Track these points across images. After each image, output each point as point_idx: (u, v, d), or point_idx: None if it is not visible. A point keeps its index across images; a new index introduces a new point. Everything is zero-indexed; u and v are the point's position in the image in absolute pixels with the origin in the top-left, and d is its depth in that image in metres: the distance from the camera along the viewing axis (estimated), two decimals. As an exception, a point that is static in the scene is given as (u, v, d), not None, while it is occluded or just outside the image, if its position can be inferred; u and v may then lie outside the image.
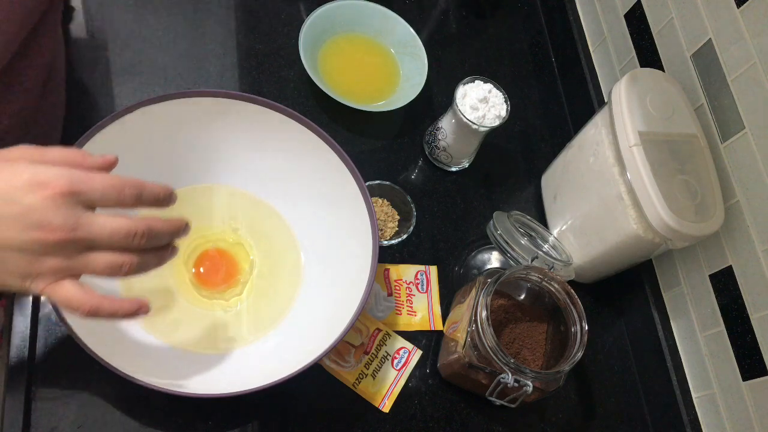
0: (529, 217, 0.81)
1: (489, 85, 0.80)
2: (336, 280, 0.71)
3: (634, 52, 0.88)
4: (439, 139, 0.84)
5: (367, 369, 0.72)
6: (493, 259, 0.85)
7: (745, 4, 0.70)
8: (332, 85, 0.84)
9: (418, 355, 0.75)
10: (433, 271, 0.80)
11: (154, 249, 0.47)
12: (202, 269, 0.70)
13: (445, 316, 0.78)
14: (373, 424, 0.70)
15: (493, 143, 0.91)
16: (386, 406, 0.71)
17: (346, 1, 0.88)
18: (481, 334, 0.65)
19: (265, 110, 0.69)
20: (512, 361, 0.64)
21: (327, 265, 0.72)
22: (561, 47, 1.03)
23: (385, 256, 0.79)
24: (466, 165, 0.88)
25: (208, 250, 0.71)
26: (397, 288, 0.78)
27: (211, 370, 0.64)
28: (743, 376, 0.70)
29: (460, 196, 0.87)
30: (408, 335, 0.76)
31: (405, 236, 0.80)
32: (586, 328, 0.67)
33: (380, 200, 0.82)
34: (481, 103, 0.79)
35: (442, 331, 0.77)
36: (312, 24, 0.85)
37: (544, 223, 0.88)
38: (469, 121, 0.78)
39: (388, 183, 0.82)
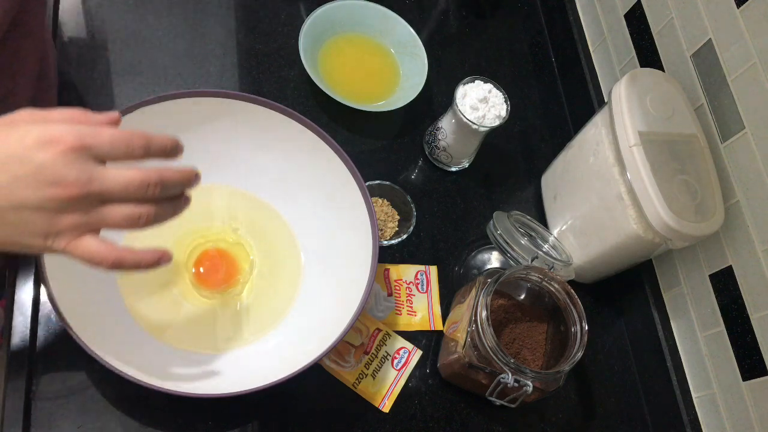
0: (529, 217, 0.81)
1: (489, 85, 0.80)
2: (336, 280, 0.71)
3: (634, 52, 0.88)
4: (439, 139, 0.84)
5: (367, 369, 0.72)
6: (493, 259, 0.85)
7: (745, 4, 0.70)
8: (332, 85, 0.84)
9: (418, 355, 0.75)
10: (433, 271, 0.80)
11: (169, 199, 0.47)
12: (202, 269, 0.70)
13: (445, 316, 0.78)
14: (373, 424, 0.70)
15: (493, 143, 0.91)
16: (386, 406, 0.71)
17: (346, 1, 0.88)
18: (481, 334, 0.65)
19: (265, 110, 0.69)
20: (512, 361, 0.64)
21: (327, 265, 0.72)
22: (561, 47, 1.03)
23: (385, 256, 0.79)
24: (466, 165, 0.88)
25: (208, 250, 0.71)
26: (397, 288, 0.78)
27: (211, 370, 0.64)
28: (743, 376, 0.70)
29: (460, 196, 0.87)
30: (408, 335, 0.76)
31: (405, 236, 0.80)
32: (586, 328, 0.67)
33: (380, 200, 0.82)
34: (481, 103, 0.79)
35: (442, 331, 0.77)
36: (312, 24, 0.85)
37: (544, 223, 0.88)
38: (469, 121, 0.78)
39: (388, 183, 0.82)
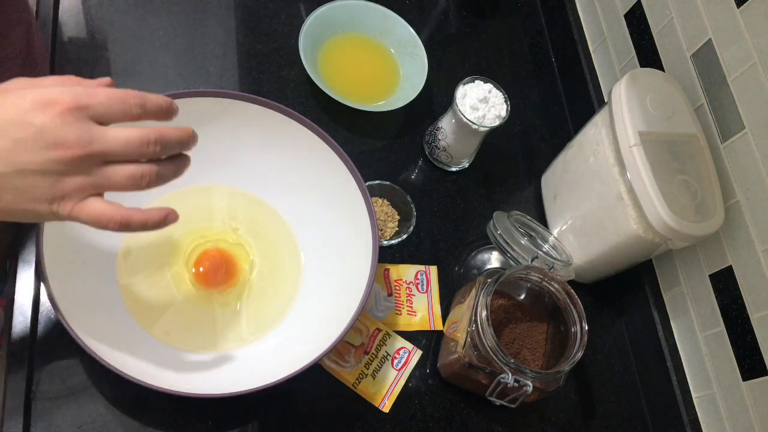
0: (529, 217, 0.81)
1: (489, 85, 0.80)
2: (336, 280, 0.71)
3: (634, 52, 0.88)
4: (439, 139, 0.84)
5: (367, 369, 0.72)
6: (493, 259, 0.85)
7: (745, 4, 0.70)
8: (332, 85, 0.84)
9: (418, 355, 0.75)
10: (433, 271, 0.80)
11: (169, 159, 0.47)
12: (202, 269, 0.70)
13: (445, 316, 0.78)
14: (373, 424, 0.70)
15: (493, 143, 0.91)
16: (386, 406, 0.71)
17: (346, 1, 0.88)
18: (481, 334, 0.65)
19: (265, 110, 0.69)
20: (512, 361, 0.64)
21: (327, 265, 0.72)
22: (561, 47, 1.03)
23: (385, 256, 0.79)
24: (466, 165, 0.88)
25: (208, 250, 0.71)
26: (397, 288, 0.78)
27: (211, 370, 0.64)
28: (743, 376, 0.70)
29: (460, 196, 0.87)
30: (408, 335, 0.76)
31: (405, 236, 0.80)
32: (586, 328, 0.67)
33: (380, 200, 0.82)
34: (481, 103, 0.79)
35: (442, 331, 0.77)
36: (312, 24, 0.85)
37: (544, 223, 0.88)
38: (469, 121, 0.78)
39: (388, 183, 0.82)
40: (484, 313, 0.65)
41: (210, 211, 0.73)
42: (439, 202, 0.86)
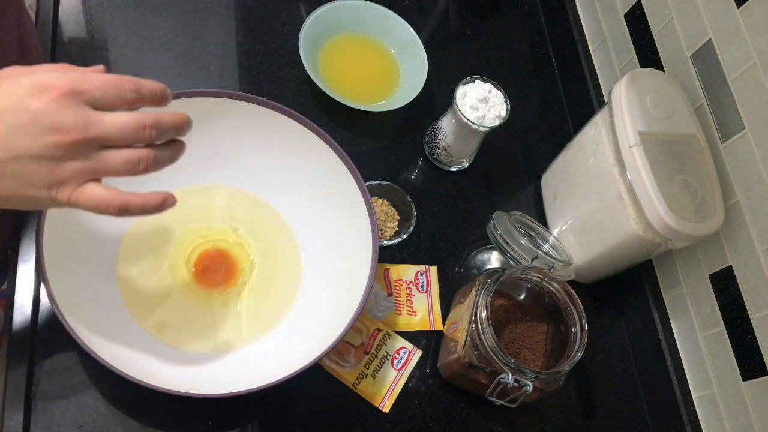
0: (529, 217, 0.81)
1: (489, 85, 0.80)
2: (336, 280, 0.71)
3: (634, 52, 0.88)
4: (439, 139, 0.84)
5: (367, 369, 0.72)
6: (493, 259, 0.85)
7: (745, 4, 0.70)
8: (332, 85, 0.84)
9: (418, 355, 0.75)
10: (433, 271, 0.80)
11: (165, 144, 0.47)
12: (202, 269, 0.70)
13: (445, 316, 0.78)
14: (373, 424, 0.70)
15: (493, 143, 0.91)
16: (386, 406, 0.71)
17: (346, 1, 0.88)
18: (481, 334, 0.65)
19: (265, 110, 0.69)
20: (512, 361, 0.64)
21: (327, 265, 0.72)
22: (561, 47, 1.03)
23: (385, 256, 0.79)
24: (466, 165, 0.88)
25: (208, 250, 0.71)
26: (397, 288, 0.78)
27: (211, 370, 0.64)
28: (743, 376, 0.70)
29: (460, 196, 0.87)
30: (408, 335, 0.76)
31: (405, 236, 0.80)
32: (586, 328, 0.67)
33: (380, 200, 0.82)
34: (481, 103, 0.79)
35: (442, 331, 0.77)
36: (312, 24, 0.85)
37: (544, 223, 0.88)
38: (469, 121, 0.78)
39: (388, 183, 0.82)
40: (484, 313, 0.65)
41: (210, 211, 0.73)
42: (439, 202, 0.86)
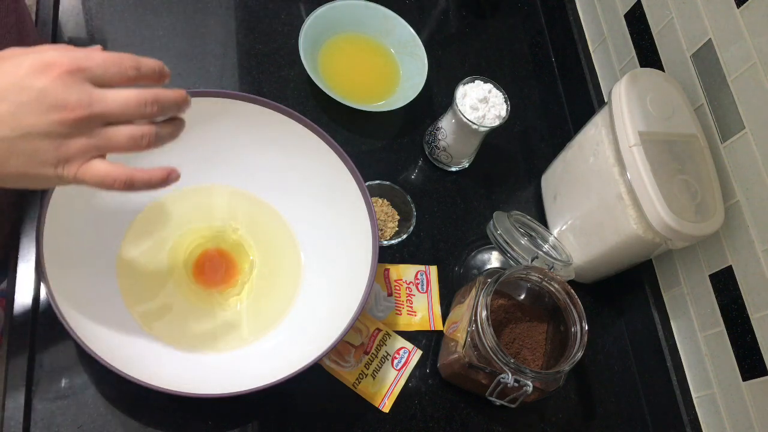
0: (529, 217, 0.81)
1: (489, 85, 0.80)
2: (336, 280, 0.71)
3: (634, 52, 0.88)
4: (439, 139, 0.84)
5: (367, 369, 0.72)
6: (493, 259, 0.85)
7: (745, 4, 0.70)
8: (332, 85, 0.84)
9: (418, 355, 0.75)
10: (433, 271, 0.80)
11: (166, 121, 0.48)
12: (202, 269, 0.70)
13: (445, 316, 0.78)
14: (373, 424, 0.70)
15: (493, 143, 0.91)
16: (386, 406, 0.71)
17: (346, 1, 0.88)
18: (481, 334, 0.65)
19: (265, 110, 0.69)
20: (512, 361, 0.64)
21: (327, 265, 0.72)
22: (561, 47, 1.03)
23: (385, 256, 0.79)
24: (466, 165, 0.88)
25: (208, 250, 0.71)
26: (397, 288, 0.78)
27: (211, 370, 0.64)
28: (743, 376, 0.70)
29: (460, 196, 0.87)
30: (408, 335, 0.76)
31: (405, 236, 0.80)
32: (586, 328, 0.67)
33: (380, 200, 0.82)
34: (481, 103, 0.79)
35: (442, 331, 0.77)
36: (312, 24, 0.85)
37: (544, 223, 0.88)
38: (469, 121, 0.78)
39: (388, 183, 0.82)
40: (484, 313, 0.65)
41: (210, 211, 0.73)
42: (439, 202, 0.86)
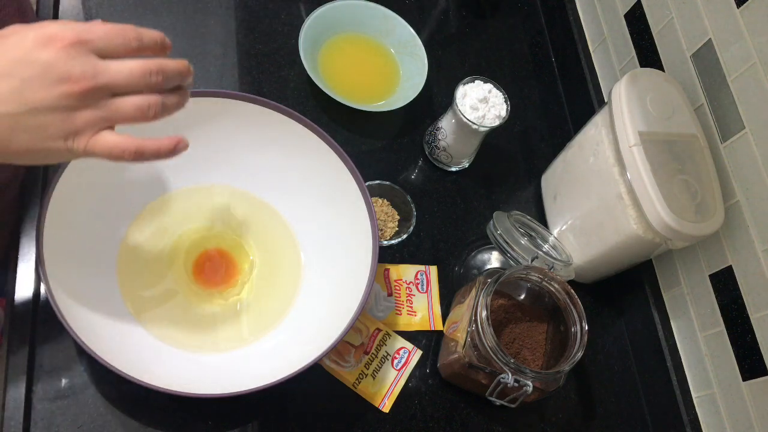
0: (529, 217, 0.81)
1: (489, 85, 0.80)
2: (336, 280, 0.71)
3: (634, 52, 0.88)
4: (439, 139, 0.84)
5: (367, 369, 0.72)
6: (493, 259, 0.85)
7: (745, 4, 0.70)
8: (332, 85, 0.84)
9: (418, 355, 0.75)
10: (433, 271, 0.80)
11: (171, 91, 0.48)
12: (202, 269, 0.70)
13: (445, 316, 0.78)
14: (373, 424, 0.70)
15: (493, 143, 0.91)
16: (386, 406, 0.71)
17: (346, 1, 0.88)
18: (481, 334, 0.65)
19: (265, 110, 0.69)
20: (512, 361, 0.64)
21: (327, 265, 0.72)
22: (561, 47, 1.03)
23: (385, 256, 0.79)
24: (466, 165, 0.88)
25: (208, 250, 0.71)
26: (397, 288, 0.78)
27: (211, 370, 0.64)
28: (743, 376, 0.70)
29: (460, 196, 0.87)
30: (408, 335, 0.76)
31: (405, 236, 0.80)
32: (586, 328, 0.67)
33: (380, 200, 0.82)
34: (481, 103, 0.79)
35: (442, 331, 0.77)
36: (312, 24, 0.85)
37: (544, 223, 0.88)
38: (469, 121, 0.78)
39: (388, 183, 0.82)
40: (484, 313, 0.65)
41: (210, 211, 0.73)
42: (439, 202, 0.86)
